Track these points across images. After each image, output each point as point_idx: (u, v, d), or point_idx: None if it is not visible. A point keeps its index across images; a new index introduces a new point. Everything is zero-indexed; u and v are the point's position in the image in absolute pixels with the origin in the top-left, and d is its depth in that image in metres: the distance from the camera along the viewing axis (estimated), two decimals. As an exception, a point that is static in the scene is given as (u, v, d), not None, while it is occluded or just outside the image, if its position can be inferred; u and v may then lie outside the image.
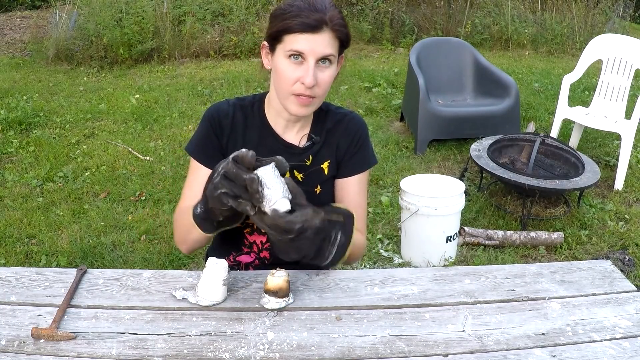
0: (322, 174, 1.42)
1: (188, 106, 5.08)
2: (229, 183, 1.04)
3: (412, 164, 4.02)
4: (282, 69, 1.25)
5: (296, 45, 1.22)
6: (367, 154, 1.45)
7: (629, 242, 3.12)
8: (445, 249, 2.85)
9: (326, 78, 1.26)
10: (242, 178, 1.03)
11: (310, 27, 1.21)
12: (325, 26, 1.22)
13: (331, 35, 1.24)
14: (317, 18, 1.21)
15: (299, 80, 1.24)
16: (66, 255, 2.86)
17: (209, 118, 1.38)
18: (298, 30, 1.21)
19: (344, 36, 1.27)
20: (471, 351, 1.06)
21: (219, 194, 1.04)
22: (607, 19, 7.57)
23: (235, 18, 6.84)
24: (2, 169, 3.83)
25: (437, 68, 4.62)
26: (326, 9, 1.23)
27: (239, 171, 1.03)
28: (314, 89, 1.25)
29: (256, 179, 1.03)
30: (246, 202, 1.04)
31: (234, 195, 1.04)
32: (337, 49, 1.26)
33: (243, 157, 1.04)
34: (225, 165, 1.05)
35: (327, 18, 1.22)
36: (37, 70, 6.23)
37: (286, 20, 1.22)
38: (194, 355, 1.02)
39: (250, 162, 1.04)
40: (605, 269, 1.34)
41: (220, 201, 1.05)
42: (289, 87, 1.26)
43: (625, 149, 3.68)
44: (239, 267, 1.46)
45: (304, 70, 1.23)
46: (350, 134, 1.43)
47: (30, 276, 1.22)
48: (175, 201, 3.41)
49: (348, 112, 1.46)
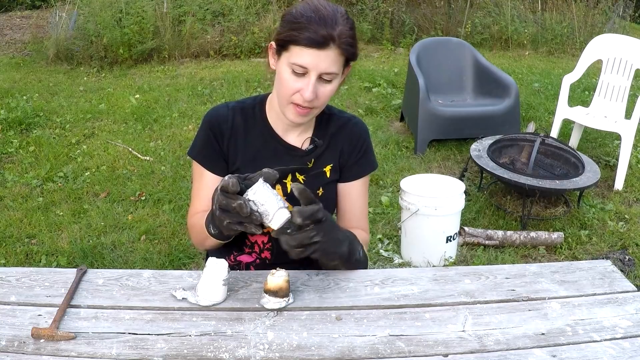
0: (324, 177, 1.43)
1: (188, 106, 5.08)
2: (227, 214, 1.10)
3: (412, 164, 4.02)
4: (284, 77, 1.25)
5: (300, 59, 1.21)
6: (370, 159, 1.47)
7: (629, 242, 3.12)
8: (445, 249, 2.85)
9: (326, 92, 1.27)
10: (232, 207, 1.07)
11: (316, 44, 1.19)
12: (333, 43, 1.20)
13: (337, 52, 1.22)
14: (324, 34, 1.19)
15: (298, 92, 1.25)
16: (66, 255, 2.86)
17: (208, 123, 1.38)
18: (304, 44, 1.20)
19: (351, 54, 1.26)
20: (471, 351, 1.06)
21: (226, 224, 1.11)
22: (607, 19, 7.57)
23: (235, 18, 6.84)
24: (2, 169, 3.83)
25: (437, 68, 4.62)
26: (336, 24, 1.21)
27: (228, 201, 1.08)
28: (313, 102, 1.26)
29: (243, 203, 1.07)
30: (250, 225, 1.10)
31: (238, 222, 1.10)
32: (341, 64, 1.26)
33: (225, 186, 1.08)
34: (217, 198, 1.10)
35: (335, 34, 1.20)
36: (37, 70, 6.23)
37: (294, 32, 1.21)
38: (194, 355, 1.02)
39: (234, 189, 1.07)
40: (605, 269, 1.34)
41: (230, 229, 1.12)
42: (288, 96, 1.26)
43: (625, 149, 3.68)
44: (239, 267, 1.46)
45: (305, 84, 1.23)
46: (353, 139, 1.44)
47: (30, 276, 1.22)
48: (175, 201, 3.41)
49: (351, 117, 1.46)
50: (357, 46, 1.28)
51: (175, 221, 3.20)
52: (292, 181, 1.40)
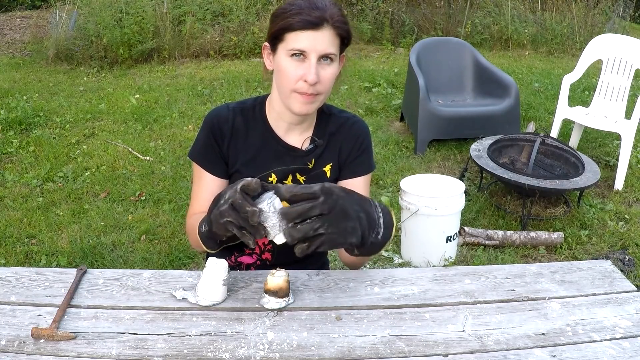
0: (324, 177, 1.42)
1: (188, 106, 5.08)
2: (235, 213, 1.04)
3: (412, 164, 4.02)
4: (285, 67, 1.26)
5: (298, 43, 1.23)
6: (368, 160, 1.46)
7: (629, 242, 3.12)
8: (445, 249, 2.85)
9: (328, 75, 1.27)
10: (245, 210, 1.03)
11: (311, 24, 1.21)
12: (326, 23, 1.23)
13: (332, 33, 1.24)
14: (317, 15, 1.22)
15: (301, 79, 1.25)
16: (66, 255, 2.86)
17: (209, 125, 1.38)
18: (299, 28, 1.22)
19: (345, 33, 1.27)
20: (471, 351, 1.05)
21: (224, 221, 1.05)
22: (607, 19, 7.57)
23: (235, 18, 6.84)
24: (2, 169, 3.83)
25: (437, 68, 4.62)
26: (326, 7, 1.24)
27: (244, 202, 1.03)
28: (316, 86, 1.25)
29: (257, 212, 1.03)
30: (249, 236, 1.05)
31: (239, 226, 1.05)
32: (338, 46, 1.27)
33: (248, 184, 1.04)
34: (233, 194, 1.04)
35: (327, 15, 1.23)
36: (37, 70, 6.23)
37: (287, 19, 1.23)
38: (194, 355, 1.02)
39: (255, 189, 1.05)
40: (605, 269, 1.34)
41: (225, 228, 1.06)
42: (291, 85, 1.26)
43: (625, 149, 3.68)
44: (240, 268, 1.46)
45: (306, 67, 1.24)
46: (353, 137, 1.43)
47: (30, 276, 1.22)
48: (175, 201, 3.41)
49: (351, 116, 1.46)
50: (350, 28, 1.29)
51: (175, 221, 3.20)
52: (293, 182, 1.40)
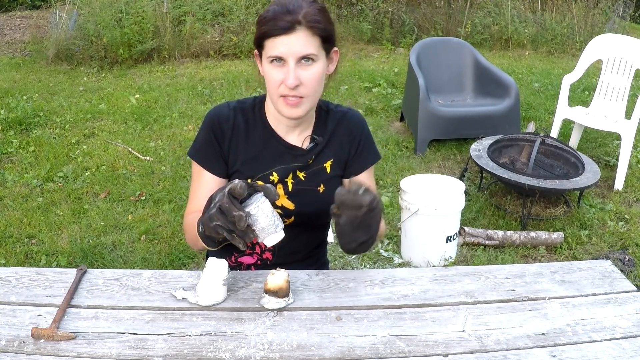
0: (324, 173, 1.43)
1: (188, 106, 5.08)
2: (223, 217, 1.06)
3: (412, 164, 4.02)
4: (268, 73, 1.28)
5: (275, 50, 1.24)
6: (372, 149, 1.48)
7: (629, 242, 3.12)
8: (445, 249, 2.85)
9: (310, 75, 1.26)
10: (232, 215, 1.05)
11: (283, 30, 1.22)
12: (299, 25, 1.22)
13: (307, 33, 1.24)
14: (289, 19, 1.22)
15: (282, 83, 1.26)
16: (66, 255, 2.86)
17: (210, 123, 1.38)
18: (274, 34, 1.23)
19: (322, 31, 1.26)
20: (471, 351, 1.06)
21: (214, 225, 1.07)
22: (607, 19, 7.57)
23: (235, 18, 6.84)
24: (2, 169, 3.83)
25: (437, 68, 4.62)
26: (300, 8, 1.23)
27: (231, 206, 1.05)
28: (299, 89, 1.26)
29: (244, 216, 1.05)
30: (239, 240, 1.08)
31: (228, 230, 1.07)
32: (318, 45, 1.26)
33: (234, 188, 1.06)
34: (221, 198, 1.07)
35: (300, 17, 1.22)
36: (37, 70, 6.23)
37: (263, 26, 1.25)
38: (194, 355, 1.02)
39: (240, 193, 1.06)
40: (605, 269, 1.34)
41: (215, 231, 1.08)
42: (276, 90, 1.28)
43: (625, 149, 3.68)
44: (240, 268, 1.46)
45: (285, 72, 1.25)
46: (351, 132, 1.44)
47: (30, 276, 1.22)
48: (175, 201, 3.41)
49: (347, 110, 1.47)
50: (330, 25, 1.29)
51: (175, 221, 3.20)
52: (293, 179, 1.40)
